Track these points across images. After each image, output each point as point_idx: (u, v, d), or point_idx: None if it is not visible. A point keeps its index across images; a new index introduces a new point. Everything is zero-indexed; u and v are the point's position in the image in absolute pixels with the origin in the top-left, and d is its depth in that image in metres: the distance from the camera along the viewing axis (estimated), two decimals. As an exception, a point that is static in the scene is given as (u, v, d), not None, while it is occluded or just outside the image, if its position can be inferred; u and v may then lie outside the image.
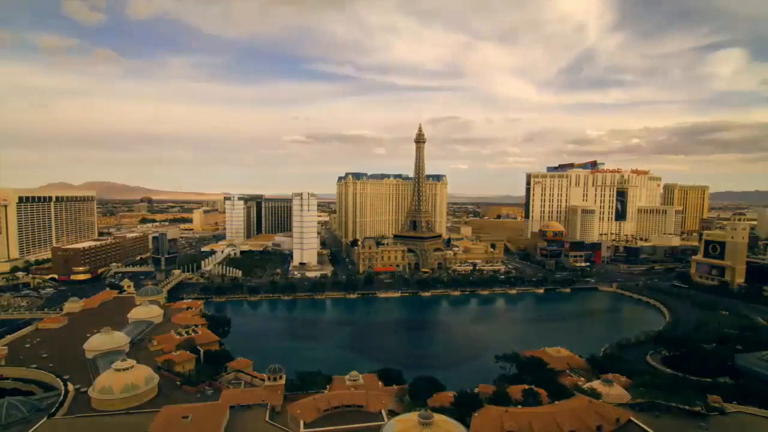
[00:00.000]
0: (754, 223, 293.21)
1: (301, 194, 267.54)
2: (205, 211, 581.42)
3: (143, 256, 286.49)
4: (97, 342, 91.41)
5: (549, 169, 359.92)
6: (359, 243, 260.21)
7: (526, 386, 72.35)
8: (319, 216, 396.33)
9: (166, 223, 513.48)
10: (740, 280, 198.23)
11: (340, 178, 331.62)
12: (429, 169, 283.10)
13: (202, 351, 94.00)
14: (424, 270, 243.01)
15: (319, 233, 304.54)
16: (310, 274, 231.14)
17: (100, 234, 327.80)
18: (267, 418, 58.91)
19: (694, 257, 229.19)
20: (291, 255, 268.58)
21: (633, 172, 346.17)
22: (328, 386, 77.38)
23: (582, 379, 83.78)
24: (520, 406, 62.94)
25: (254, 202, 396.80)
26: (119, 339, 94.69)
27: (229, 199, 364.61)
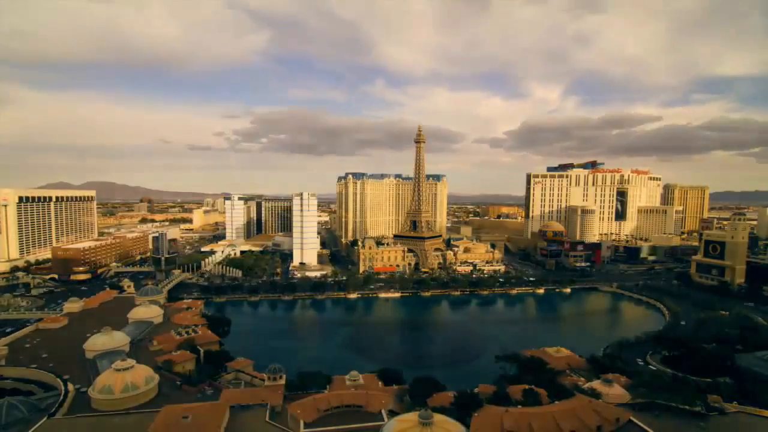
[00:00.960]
0: (754, 223, 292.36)
1: (301, 194, 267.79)
2: (205, 211, 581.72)
3: (143, 256, 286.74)
4: (97, 342, 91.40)
5: (549, 169, 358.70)
6: (359, 243, 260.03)
7: (526, 386, 72.37)
8: (319, 216, 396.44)
9: (166, 223, 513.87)
10: (740, 280, 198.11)
11: (340, 178, 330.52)
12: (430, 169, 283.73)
13: (202, 351, 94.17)
14: (424, 270, 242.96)
15: (319, 233, 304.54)
16: (310, 274, 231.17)
17: (100, 234, 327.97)
18: (267, 418, 58.84)
19: (694, 257, 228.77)
20: (291, 255, 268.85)
21: (633, 172, 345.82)
22: (328, 386, 77.52)
23: (582, 379, 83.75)
24: (520, 406, 63.00)
25: (254, 201, 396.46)
26: (119, 339, 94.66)
27: (228, 198, 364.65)
